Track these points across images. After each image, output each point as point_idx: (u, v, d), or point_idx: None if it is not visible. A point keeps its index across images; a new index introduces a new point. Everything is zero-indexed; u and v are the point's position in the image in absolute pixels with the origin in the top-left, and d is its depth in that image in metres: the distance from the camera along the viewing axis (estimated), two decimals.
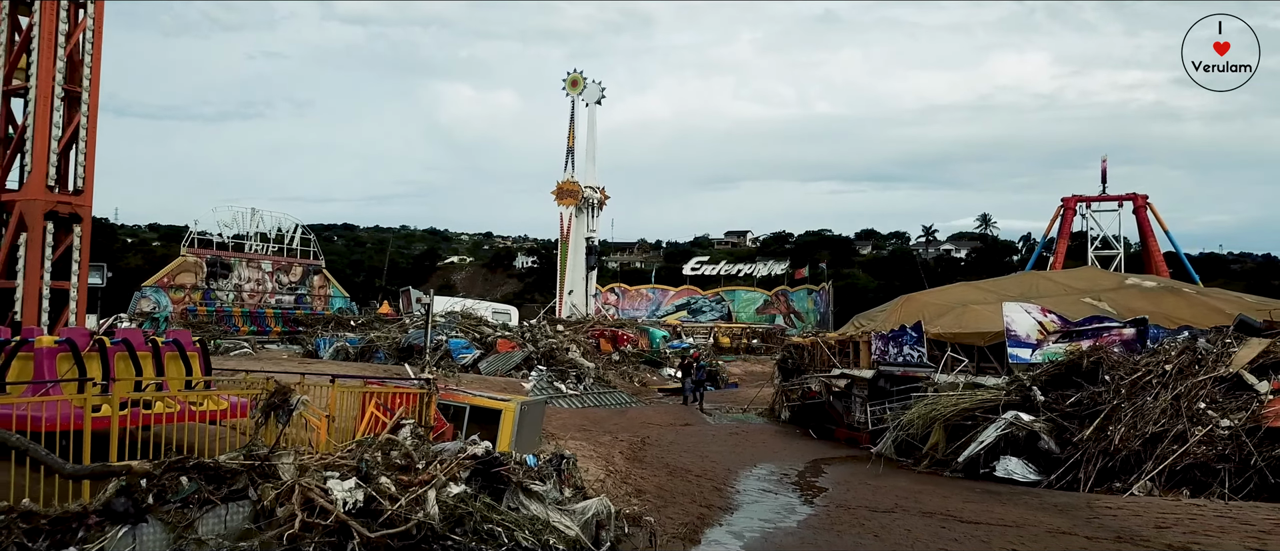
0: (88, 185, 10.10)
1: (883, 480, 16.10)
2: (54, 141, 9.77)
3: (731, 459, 18.36)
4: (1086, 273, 31.06)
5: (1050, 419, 15.81)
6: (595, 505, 9.14)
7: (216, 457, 8.59)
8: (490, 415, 12.26)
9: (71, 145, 10.03)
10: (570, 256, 59.50)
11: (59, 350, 8.78)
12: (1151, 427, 15.09)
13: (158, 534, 8.01)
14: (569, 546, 8.93)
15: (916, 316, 20.54)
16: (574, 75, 61.69)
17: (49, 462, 6.90)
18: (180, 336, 9.86)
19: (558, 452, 9.93)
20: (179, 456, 7.70)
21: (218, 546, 8.32)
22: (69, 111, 10.01)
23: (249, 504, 8.61)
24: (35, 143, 9.75)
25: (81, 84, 10.13)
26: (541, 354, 28.81)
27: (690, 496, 13.92)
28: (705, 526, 12.01)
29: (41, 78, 9.76)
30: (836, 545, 11.39)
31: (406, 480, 9.07)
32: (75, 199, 10.05)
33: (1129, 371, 16.01)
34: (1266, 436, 14.50)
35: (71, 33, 10.01)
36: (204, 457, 7.91)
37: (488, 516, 8.86)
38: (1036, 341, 17.85)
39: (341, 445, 9.31)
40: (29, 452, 6.85)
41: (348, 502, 8.62)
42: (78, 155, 10.11)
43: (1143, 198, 53.06)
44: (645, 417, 25.02)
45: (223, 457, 8.56)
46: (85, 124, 10.05)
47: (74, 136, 10.04)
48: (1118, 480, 14.89)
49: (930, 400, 17.06)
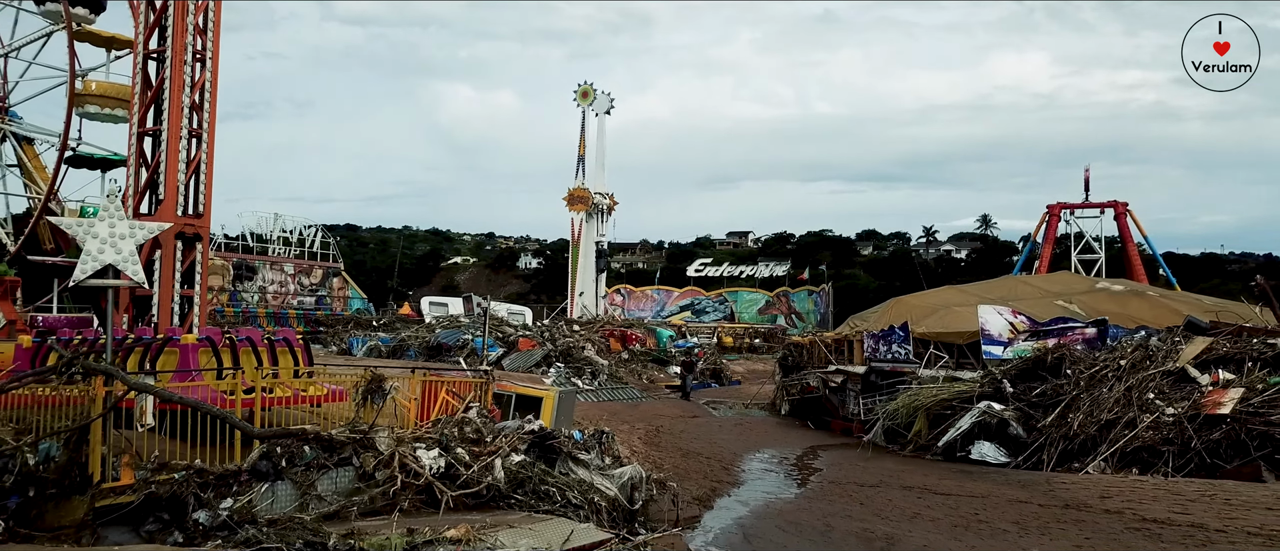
0: (206, 209, 12.20)
1: (871, 462, 18.21)
2: (181, 174, 11.88)
3: (737, 445, 20.47)
4: (1062, 277, 33.15)
5: (1018, 408, 17.89)
6: (630, 471, 11.28)
7: (329, 431, 10.74)
8: (533, 402, 14.37)
9: (195, 176, 12.14)
10: (581, 259, 61.69)
11: (200, 345, 10.92)
12: (1106, 415, 17.16)
13: (288, 489, 10.19)
14: (609, 504, 11.07)
15: (904, 317, 22.65)
16: (585, 87, 63.89)
17: (242, 428, 9.06)
18: (288, 335, 12.00)
19: (599, 428, 12.08)
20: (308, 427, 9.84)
21: (332, 500, 10.49)
22: (192, 148, 12.14)
23: (353, 469, 10.77)
24: (167, 175, 11.85)
25: (202, 125, 12.26)
26: (559, 352, 30.97)
27: (703, 473, 16.05)
28: (716, 496, 14.14)
29: (172, 121, 11.87)
30: (827, 511, 13.50)
31: (477, 450, 11.21)
32: (197, 221, 12.12)
33: (1088, 366, 18.10)
34: (1205, 422, 16.55)
35: (194, 83, 12.14)
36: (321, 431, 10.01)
37: (543, 479, 11.01)
38: (1008, 340, 19.95)
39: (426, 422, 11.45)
40: (227, 420, 9.00)
41: (433, 467, 10.78)
42: (198, 184, 12.22)
43: (1123, 205, 55.32)
44: (656, 410, 27.09)
45: (334, 431, 10.71)
46: (204, 159, 12.17)
47: (196, 169, 12.15)
48: (1076, 461, 16.95)
49: (914, 392, 19.18)
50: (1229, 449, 16.10)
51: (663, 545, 10.31)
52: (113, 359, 9.30)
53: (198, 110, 12.20)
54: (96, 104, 26.77)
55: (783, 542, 11.18)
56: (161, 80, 12.05)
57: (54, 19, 27.09)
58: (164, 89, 11.94)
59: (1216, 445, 16.24)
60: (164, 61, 12.08)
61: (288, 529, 9.30)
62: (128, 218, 9.33)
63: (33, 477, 8.69)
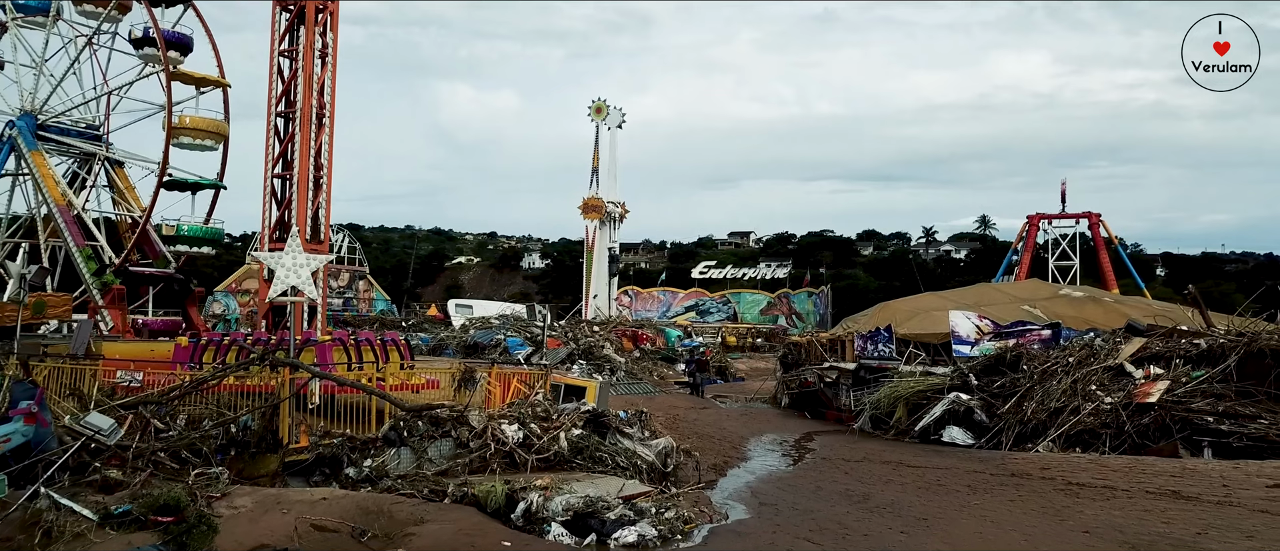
0: (325, 235, 15.42)
1: (858, 444, 21.41)
2: (309, 209, 15.14)
3: (743, 430, 23.70)
4: (1030, 284, 36.38)
5: (982, 397, 21.09)
6: (663, 442, 14.53)
7: (435, 410, 14.00)
8: (578, 390, 17.63)
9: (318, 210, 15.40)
10: (595, 264, 65.13)
11: (332, 345, 14.17)
12: (1055, 403, 20.33)
13: (408, 454, 13.46)
14: (648, 467, 14.32)
15: (888, 320, 25.86)
16: (598, 103, 67.35)
17: (397, 403, 12.31)
18: (392, 336, 15.26)
19: (639, 409, 15.33)
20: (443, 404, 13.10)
21: (439, 462, 13.75)
22: (315, 188, 15.40)
23: (453, 439, 14.04)
24: (298, 209, 15.12)
25: (322, 169, 15.52)
26: (581, 350, 34.25)
27: (716, 451, 19.28)
28: (728, 467, 17.39)
29: (301, 167, 15.15)
30: (818, 477, 16.74)
31: (546, 425, 14.46)
32: (318, 246, 15.37)
33: (1042, 362, 21.31)
34: (1137, 409, 19.71)
35: (318, 137, 15.38)
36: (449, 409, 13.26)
37: (598, 448, 14.25)
38: (975, 340, 23.13)
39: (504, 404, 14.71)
40: (387, 399, 12.26)
41: (514, 438, 14.04)
42: (318, 219, 15.46)
43: (1096, 215, 58.84)
44: (670, 402, 30.29)
45: (439, 410, 13.97)
46: (325, 197, 15.41)
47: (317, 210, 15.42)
48: (1030, 442, 20.08)
49: (895, 384, 22.39)
50: (1156, 432, 19.21)
51: (691, 497, 13.55)
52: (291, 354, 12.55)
53: (318, 159, 15.46)
54: (189, 136, 30.18)
55: (782, 497, 14.40)
56: (290, 135, 15.32)
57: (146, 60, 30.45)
58: (293, 141, 15.20)
59: (1146, 428, 19.33)
60: (291, 119, 15.34)
61: (414, 481, 12.59)
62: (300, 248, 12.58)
63: (235, 441, 11.97)
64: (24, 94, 31.52)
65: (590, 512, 11.11)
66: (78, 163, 33.03)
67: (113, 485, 10.12)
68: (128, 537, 8.81)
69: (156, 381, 12.94)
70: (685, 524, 11.50)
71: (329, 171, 15.41)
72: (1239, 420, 18.89)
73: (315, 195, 15.21)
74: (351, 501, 11.01)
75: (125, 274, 28.94)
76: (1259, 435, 18.27)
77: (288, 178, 15.21)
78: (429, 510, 11.31)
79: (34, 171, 30.07)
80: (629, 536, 10.73)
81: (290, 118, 15.10)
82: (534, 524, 11.15)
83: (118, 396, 12.64)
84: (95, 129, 32.96)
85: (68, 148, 32.03)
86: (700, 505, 13.03)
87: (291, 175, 15.07)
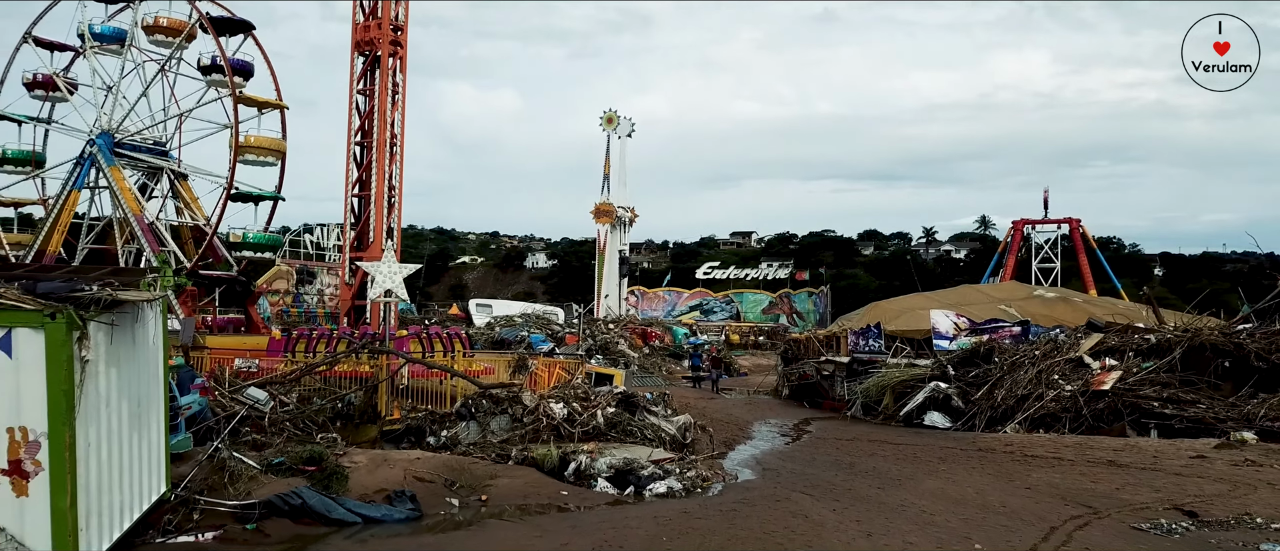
0: (398, 248, 18.31)
1: (850, 427, 24.27)
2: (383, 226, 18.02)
3: (748, 416, 26.58)
4: (1009, 286, 39.30)
5: (959, 386, 23.92)
6: (683, 419, 17.41)
7: (491, 391, 16.88)
8: (607, 377, 20.51)
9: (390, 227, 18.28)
10: (606, 266, 68.18)
11: (408, 338, 17.05)
12: (1022, 391, 23.13)
13: (474, 427, 16.34)
14: (671, 439, 17.20)
15: (878, 318, 28.74)
16: (609, 113, 70.39)
17: (476, 384, 15.21)
18: (455, 331, 18.16)
19: (662, 392, 18.22)
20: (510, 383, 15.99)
21: (499, 434, 16.62)
22: (389, 207, 18.29)
23: (508, 417, 16.93)
24: (375, 225, 18.01)
25: (394, 190, 18.40)
26: (598, 346, 37.17)
27: (725, 432, 22.15)
28: (736, 443, 20.26)
29: (377, 189, 18.04)
30: (813, 451, 19.61)
31: (585, 404, 17.34)
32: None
33: (1011, 355, 24.14)
34: (1093, 396, 22.51)
35: (390, 164, 18.27)
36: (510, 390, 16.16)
37: (629, 423, 17.12)
38: (953, 335, 25.98)
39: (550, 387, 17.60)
40: (469, 380, 15.16)
41: (561, 414, 16.93)
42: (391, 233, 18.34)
43: (1076, 221, 61.91)
44: (680, 394, 33.04)
45: (495, 391, 16.86)
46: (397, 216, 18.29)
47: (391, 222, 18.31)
48: (1000, 425, 22.90)
49: (883, 374, 25.25)
50: (1109, 415, 21.97)
51: (707, 463, 16.43)
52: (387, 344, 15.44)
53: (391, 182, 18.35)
54: (253, 153, 33.30)
55: (783, 465, 17.27)
56: (368, 164, 18.21)
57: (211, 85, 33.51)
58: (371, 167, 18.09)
59: (1101, 413, 22.07)
60: (368, 147, 18.22)
61: (482, 447, 15.49)
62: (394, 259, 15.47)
63: (340, 413, 14.86)
64: (101, 114, 34.73)
65: (628, 470, 13.99)
66: (146, 175, 36.26)
67: (260, 445, 12.99)
68: (286, 481, 11.69)
69: (271, 367, 15.83)
70: (703, 481, 14.38)
71: (400, 193, 18.31)
72: (1181, 405, 21.67)
73: (389, 213, 18.11)
74: (439, 460, 13.92)
75: (195, 276, 31.95)
76: (1197, 418, 21.02)
77: (366, 197, 18.08)
78: (498, 469, 14.21)
79: (113, 185, 33.31)
80: (660, 488, 13.61)
81: (366, 147, 17.94)
82: (583, 479, 14.02)
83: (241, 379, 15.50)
84: (163, 145, 36.20)
85: (139, 162, 35.31)
86: (715, 469, 15.92)
87: (368, 195, 17.94)
